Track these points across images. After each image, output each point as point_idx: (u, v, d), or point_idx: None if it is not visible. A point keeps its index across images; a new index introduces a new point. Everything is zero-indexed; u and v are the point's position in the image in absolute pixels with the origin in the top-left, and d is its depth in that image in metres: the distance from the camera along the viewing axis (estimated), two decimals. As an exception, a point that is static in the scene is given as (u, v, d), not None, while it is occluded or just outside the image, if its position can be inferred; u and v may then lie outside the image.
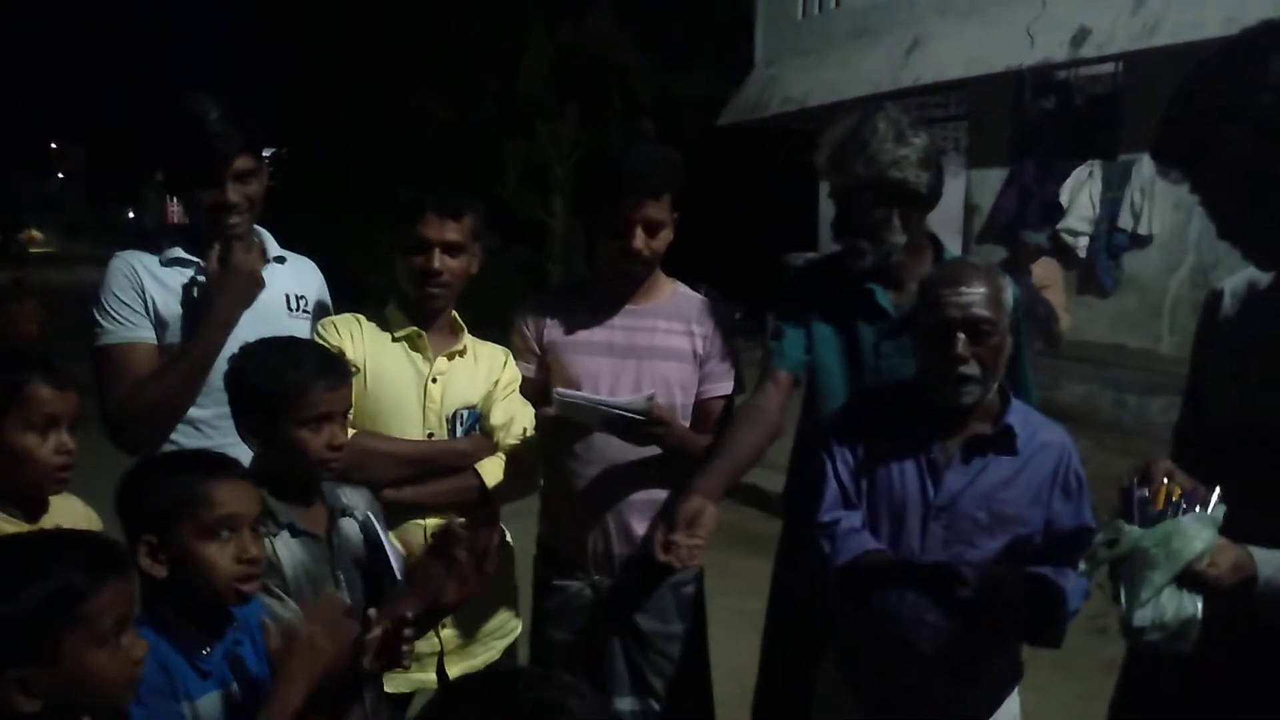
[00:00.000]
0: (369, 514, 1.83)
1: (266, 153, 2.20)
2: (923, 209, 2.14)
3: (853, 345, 2.20)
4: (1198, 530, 1.27)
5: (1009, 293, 1.81)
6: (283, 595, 1.62)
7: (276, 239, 2.24)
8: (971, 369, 1.74)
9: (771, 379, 2.21)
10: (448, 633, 2.08)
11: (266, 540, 1.60)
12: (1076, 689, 3.23)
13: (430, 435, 2.08)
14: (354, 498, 1.83)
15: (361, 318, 2.14)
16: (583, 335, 2.24)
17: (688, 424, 2.23)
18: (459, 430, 2.12)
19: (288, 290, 2.17)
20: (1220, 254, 6.79)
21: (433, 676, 2.07)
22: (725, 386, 2.28)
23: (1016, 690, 1.96)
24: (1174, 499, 1.31)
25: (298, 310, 2.18)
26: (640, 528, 2.22)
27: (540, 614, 2.34)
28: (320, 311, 2.24)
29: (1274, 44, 1.24)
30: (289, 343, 1.82)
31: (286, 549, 1.66)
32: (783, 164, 11.53)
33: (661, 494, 2.23)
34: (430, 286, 2.07)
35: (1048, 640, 1.82)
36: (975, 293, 1.74)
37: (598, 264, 2.28)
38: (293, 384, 1.67)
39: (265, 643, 1.49)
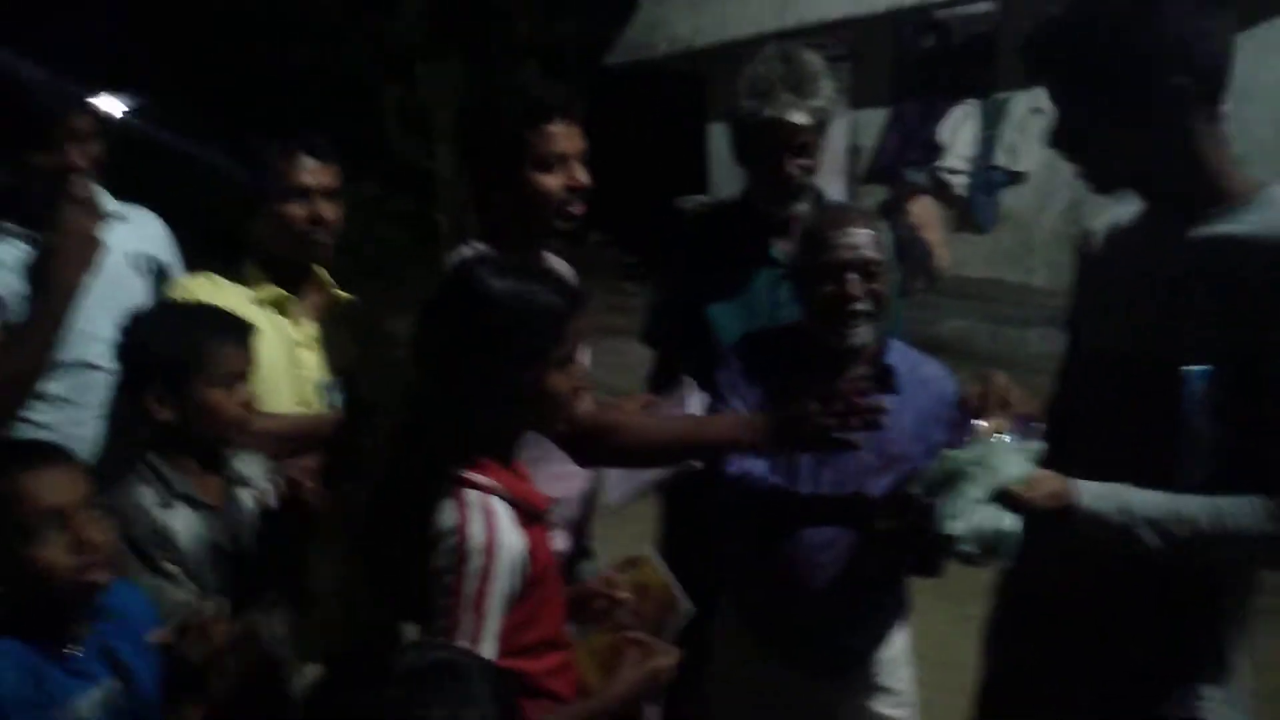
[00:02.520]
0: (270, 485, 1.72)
1: (125, 104, 2.01)
2: None
3: (749, 294, 2.18)
4: (1014, 455, 1.32)
5: (884, 236, 1.87)
6: (177, 574, 1.53)
7: (125, 193, 2.04)
8: (865, 305, 1.79)
9: None
10: None
11: (159, 513, 1.53)
12: (953, 613, 3.37)
13: (304, 407, 1.96)
14: (250, 468, 1.72)
15: (218, 278, 1.96)
16: None
17: None
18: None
19: (133, 249, 2.00)
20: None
21: None
22: None
23: (905, 623, 2.03)
24: (1000, 433, 1.37)
25: (146, 271, 2.02)
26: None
27: None
28: (167, 268, 2.07)
29: None
30: (186, 305, 1.80)
31: (183, 522, 1.56)
32: (671, 105, 11.43)
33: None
34: (315, 235, 1.95)
35: (930, 569, 1.87)
36: (863, 234, 1.81)
37: (499, 225, 1.90)
38: (203, 344, 1.61)
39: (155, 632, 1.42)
